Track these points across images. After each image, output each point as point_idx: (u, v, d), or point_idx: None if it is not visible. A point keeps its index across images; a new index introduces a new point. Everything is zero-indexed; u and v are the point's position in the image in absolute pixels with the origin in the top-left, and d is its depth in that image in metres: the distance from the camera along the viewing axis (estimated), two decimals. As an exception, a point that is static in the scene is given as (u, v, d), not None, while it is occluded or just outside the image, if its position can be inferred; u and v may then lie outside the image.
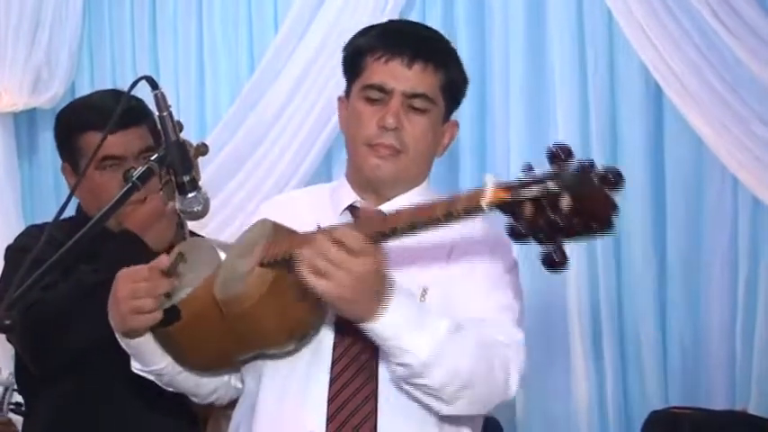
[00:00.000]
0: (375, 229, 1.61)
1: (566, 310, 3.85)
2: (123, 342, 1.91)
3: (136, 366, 1.96)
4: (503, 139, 3.99)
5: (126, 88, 1.96)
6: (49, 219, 1.98)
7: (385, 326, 1.66)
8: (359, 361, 1.85)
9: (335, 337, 1.87)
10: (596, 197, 1.39)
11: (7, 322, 1.60)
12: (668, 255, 3.84)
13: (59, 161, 2.54)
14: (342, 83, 2.07)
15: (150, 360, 1.92)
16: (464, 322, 1.77)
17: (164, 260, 1.82)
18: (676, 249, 3.82)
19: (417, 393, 1.77)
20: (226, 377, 2.02)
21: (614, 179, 1.39)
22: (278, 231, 1.77)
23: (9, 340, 2.47)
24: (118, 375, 2.17)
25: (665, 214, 3.84)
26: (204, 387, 2.02)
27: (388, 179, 1.95)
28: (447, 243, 1.93)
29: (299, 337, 1.79)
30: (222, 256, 1.83)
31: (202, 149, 2.05)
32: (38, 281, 1.69)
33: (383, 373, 1.83)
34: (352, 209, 1.98)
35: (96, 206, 2.36)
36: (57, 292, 2.18)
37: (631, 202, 3.72)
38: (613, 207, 1.40)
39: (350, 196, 1.99)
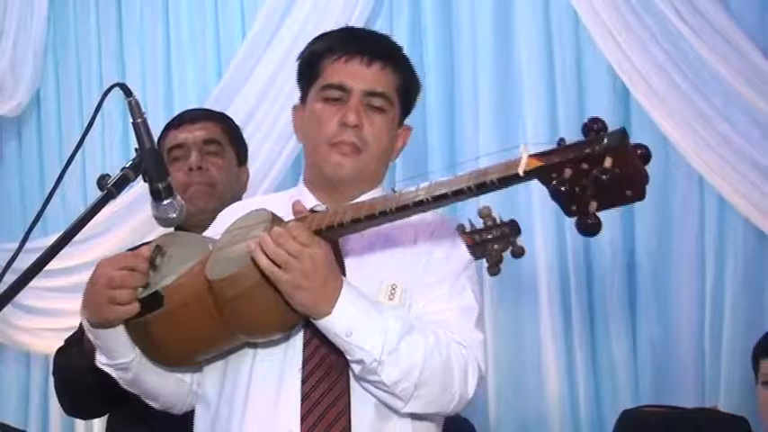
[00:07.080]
0: (322, 224, 1.71)
1: (537, 312, 3.86)
2: (92, 333, 1.89)
3: (101, 361, 1.94)
4: (472, 141, 4.01)
5: (91, 96, 1.94)
6: (18, 230, 1.94)
7: (337, 321, 1.74)
8: (330, 359, 1.86)
9: (305, 336, 1.88)
10: (633, 164, 1.45)
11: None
12: (636, 254, 3.86)
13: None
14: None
15: (118, 352, 1.90)
16: (423, 323, 1.84)
17: (144, 250, 1.84)
18: (644, 248, 3.85)
19: (374, 390, 1.81)
20: (188, 379, 2.00)
21: (646, 152, 1.47)
22: (276, 221, 1.79)
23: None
24: None
25: (632, 214, 3.85)
26: (165, 388, 1.99)
27: (349, 177, 1.97)
28: (411, 241, 1.97)
29: (290, 325, 1.81)
30: (210, 246, 1.84)
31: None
32: (14, 288, 1.66)
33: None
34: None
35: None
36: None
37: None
38: (646, 177, 1.47)
39: (309, 202, 1.99)
